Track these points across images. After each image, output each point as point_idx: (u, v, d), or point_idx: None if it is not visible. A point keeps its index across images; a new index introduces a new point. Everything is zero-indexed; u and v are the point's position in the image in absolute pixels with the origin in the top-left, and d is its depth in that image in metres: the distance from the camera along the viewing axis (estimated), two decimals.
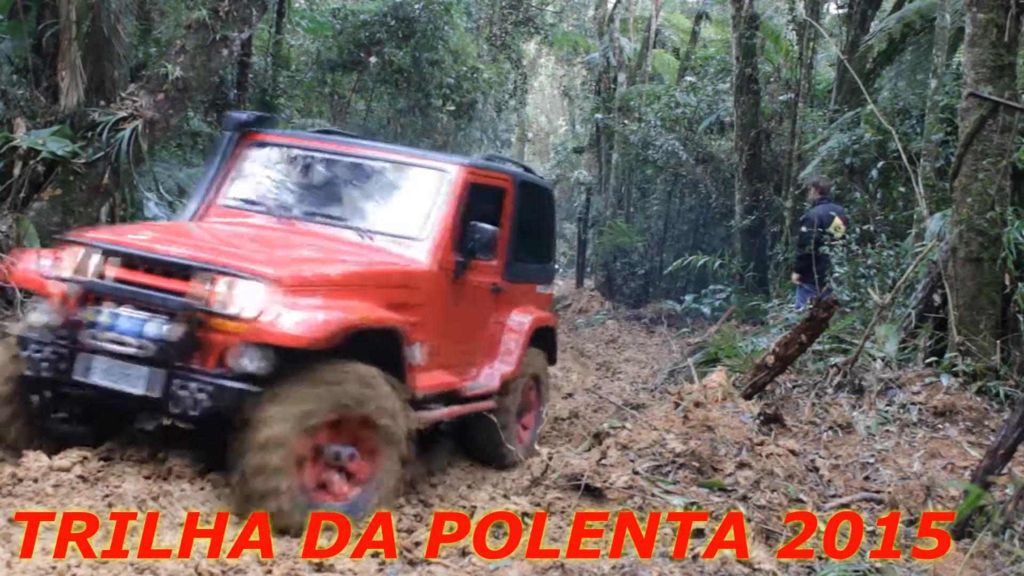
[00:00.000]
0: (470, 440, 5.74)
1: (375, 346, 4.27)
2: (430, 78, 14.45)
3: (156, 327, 3.90)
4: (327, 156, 5.34)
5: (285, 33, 13.12)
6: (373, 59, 13.69)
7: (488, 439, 5.52)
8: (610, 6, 21.90)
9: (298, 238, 4.87)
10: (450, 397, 5.10)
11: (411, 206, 5.09)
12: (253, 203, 5.21)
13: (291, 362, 3.95)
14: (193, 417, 3.92)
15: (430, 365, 4.82)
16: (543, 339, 6.21)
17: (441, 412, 4.98)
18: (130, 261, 4.11)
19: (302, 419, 3.79)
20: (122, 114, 7.13)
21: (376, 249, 4.83)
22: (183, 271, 4.00)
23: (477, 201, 5.26)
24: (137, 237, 4.44)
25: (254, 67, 12.09)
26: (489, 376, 5.53)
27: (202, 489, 4.00)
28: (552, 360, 6.61)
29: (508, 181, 5.73)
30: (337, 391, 3.92)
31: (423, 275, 4.81)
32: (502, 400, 5.58)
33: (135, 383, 3.92)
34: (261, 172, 5.37)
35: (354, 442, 4.04)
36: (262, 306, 3.82)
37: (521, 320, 5.87)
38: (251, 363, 3.88)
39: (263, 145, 5.41)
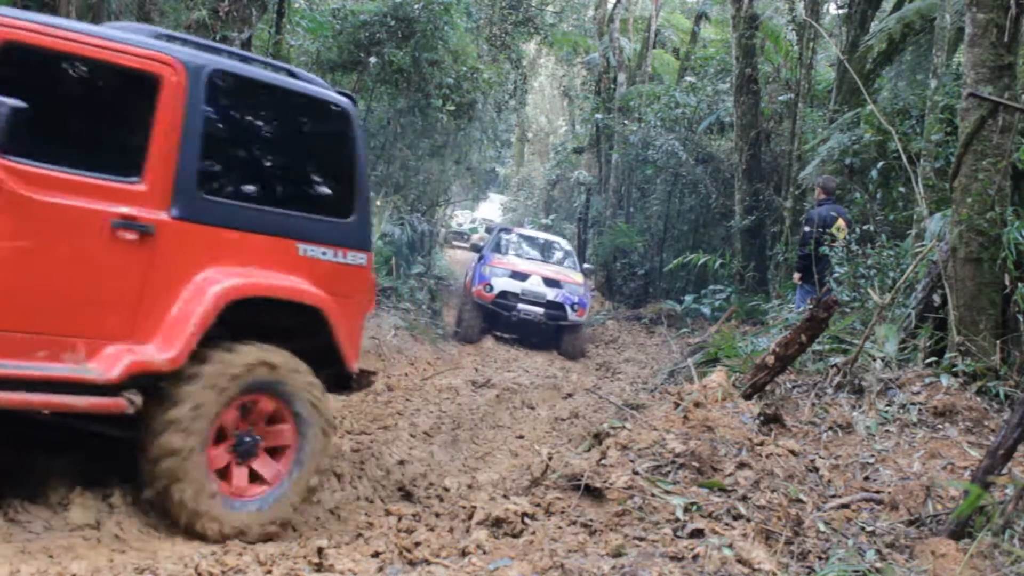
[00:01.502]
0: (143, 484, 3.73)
1: None
2: (430, 78, 14.45)
3: None
4: None
5: (285, 33, 13.12)
6: (373, 59, 13.69)
7: (156, 483, 3.64)
8: (610, 6, 21.96)
9: None
10: None
11: None
12: None
13: None
14: None
15: None
16: (303, 329, 4.13)
17: None
18: None
19: None
20: None
21: None
22: None
23: (48, 80, 3.71)
24: None
25: None
26: (103, 359, 3.56)
27: None
28: (337, 370, 4.30)
29: (165, 64, 3.86)
30: None
31: None
32: (158, 410, 3.65)
33: None
34: None
35: None
36: None
37: (207, 282, 3.80)
38: None
39: None
